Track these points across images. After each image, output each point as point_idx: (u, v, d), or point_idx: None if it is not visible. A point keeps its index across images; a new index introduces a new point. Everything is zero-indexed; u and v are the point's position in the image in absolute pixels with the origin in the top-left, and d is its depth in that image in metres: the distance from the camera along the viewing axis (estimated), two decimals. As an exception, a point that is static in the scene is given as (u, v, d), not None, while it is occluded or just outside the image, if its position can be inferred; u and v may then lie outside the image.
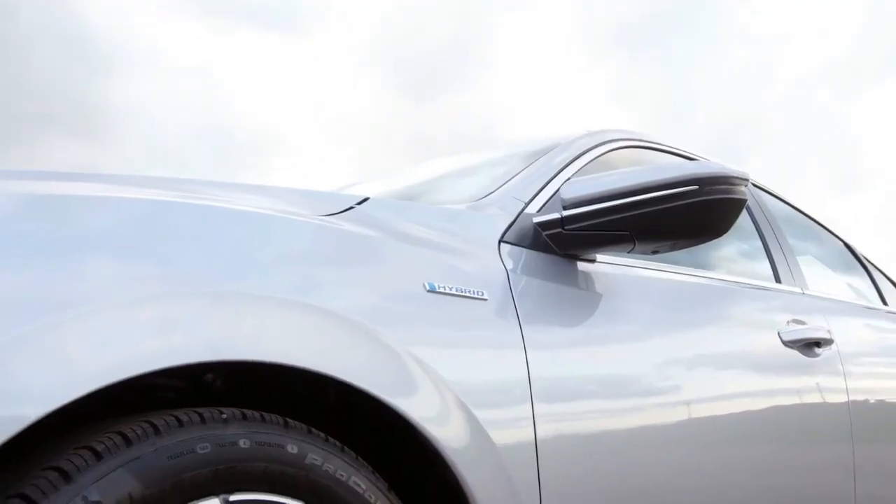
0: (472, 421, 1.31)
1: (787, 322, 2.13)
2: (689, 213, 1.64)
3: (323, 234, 1.33)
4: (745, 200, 1.68)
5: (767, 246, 2.44)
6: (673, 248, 1.74)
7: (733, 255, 2.40)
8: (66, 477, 0.96)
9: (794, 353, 2.07)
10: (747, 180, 1.69)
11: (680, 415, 1.72)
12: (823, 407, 2.13)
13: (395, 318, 1.29)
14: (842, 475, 2.16)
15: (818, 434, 2.10)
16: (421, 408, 1.24)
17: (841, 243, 3.14)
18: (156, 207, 1.18)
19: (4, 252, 1.01)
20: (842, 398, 2.21)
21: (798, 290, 2.38)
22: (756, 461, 1.87)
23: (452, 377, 1.30)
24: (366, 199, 1.50)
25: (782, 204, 2.77)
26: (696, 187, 1.62)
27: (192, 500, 1.03)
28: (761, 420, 1.91)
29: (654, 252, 1.74)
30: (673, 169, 1.66)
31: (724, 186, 1.64)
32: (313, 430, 1.18)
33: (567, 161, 1.93)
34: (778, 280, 2.37)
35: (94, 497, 0.95)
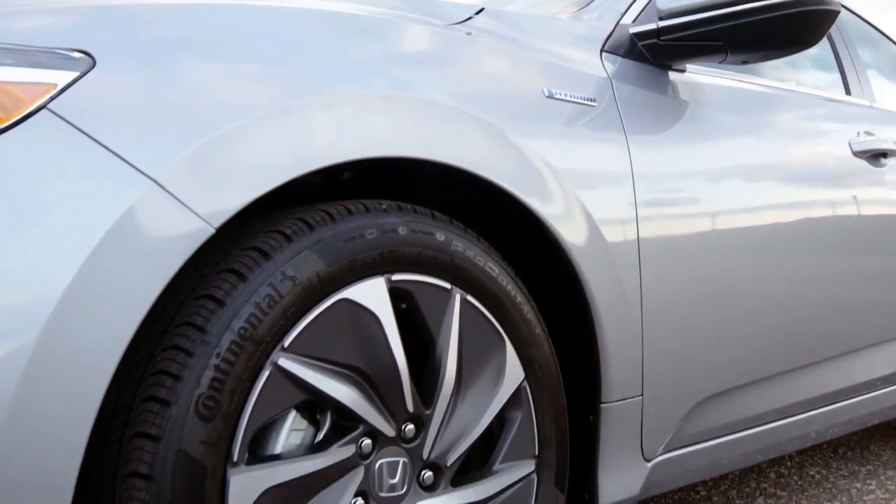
0: (590, 220, 1.44)
1: (858, 133, 2.21)
2: (783, 24, 1.69)
3: (452, 41, 1.42)
4: (838, 12, 1.73)
5: (839, 58, 2.49)
6: (763, 59, 1.81)
7: (806, 66, 2.46)
8: (265, 255, 1.11)
9: (863, 164, 2.17)
10: None
11: (759, 220, 1.84)
12: (891, 217, 2.23)
13: (522, 122, 1.40)
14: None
15: (885, 243, 2.22)
16: (549, 207, 1.37)
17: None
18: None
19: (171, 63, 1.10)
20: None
21: (867, 102, 2.45)
22: (827, 270, 2.01)
23: (573, 178, 1.43)
24: (482, 10, 1.58)
25: (851, 15, 2.78)
26: (793, -2, 1.67)
27: (362, 279, 1.19)
28: (833, 229, 2.03)
29: (744, 63, 1.81)
30: (770, -20, 1.70)
31: (819, -3, 1.69)
32: (454, 221, 1.32)
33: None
34: (848, 92, 2.43)
35: (290, 273, 1.11)
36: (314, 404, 1.19)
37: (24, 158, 0.96)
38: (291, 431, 1.16)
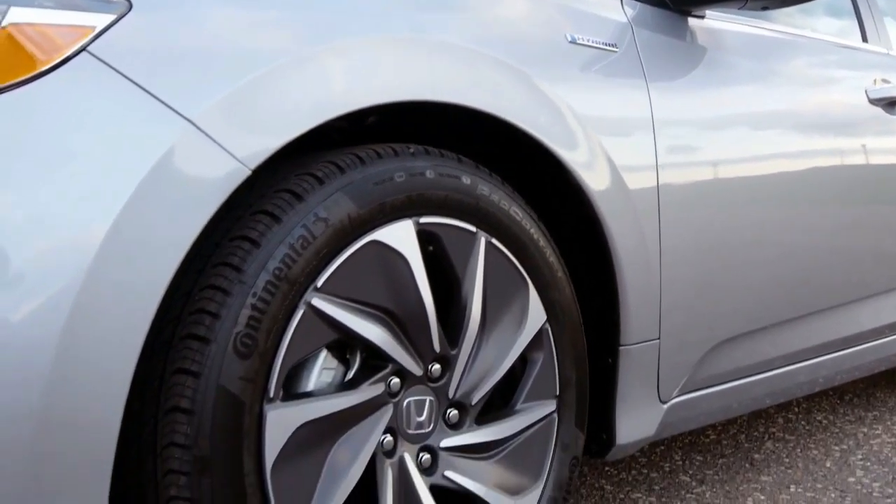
0: (612, 167, 1.46)
1: (874, 81, 2.21)
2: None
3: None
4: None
5: (856, 5, 2.48)
6: (783, 5, 1.80)
7: (823, 13, 2.45)
8: (298, 197, 1.13)
9: (879, 111, 2.18)
10: None
11: (775, 167, 1.85)
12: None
13: (546, 67, 1.41)
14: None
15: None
16: (574, 154, 1.39)
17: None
18: None
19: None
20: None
21: (884, 50, 2.44)
22: (838, 219, 2.02)
23: (596, 124, 1.44)
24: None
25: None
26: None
27: (391, 221, 1.21)
28: (847, 177, 2.04)
29: (764, 8, 1.81)
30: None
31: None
32: (480, 165, 1.34)
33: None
34: (865, 39, 2.43)
35: (323, 214, 1.13)
36: (344, 344, 1.22)
37: (66, 100, 0.98)
38: (323, 370, 1.19)
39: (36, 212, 0.94)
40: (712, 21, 1.86)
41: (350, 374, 1.23)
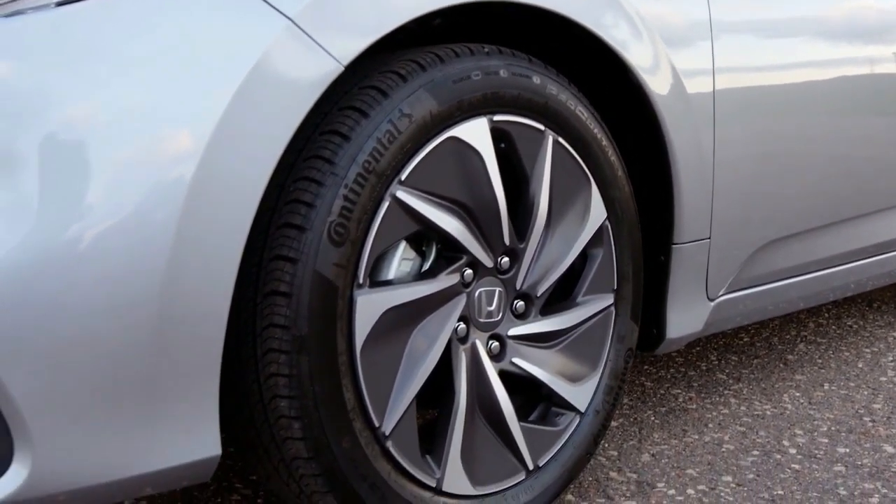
0: (674, 71, 1.50)
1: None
2: None
3: None
4: None
5: None
6: None
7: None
8: (384, 94, 1.18)
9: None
10: None
11: (823, 75, 1.88)
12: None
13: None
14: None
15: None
16: (639, 58, 1.43)
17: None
18: None
19: None
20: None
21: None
22: (879, 129, 2.06)
23: (660, 28, 1.47)
24: None
25: None
26: None
27: (468, 118, 1.26)
28: (890, 88, 2.07)
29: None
30: None
31: None
32: (548, 66, 1.38)
33: None
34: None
35: (407, 110, 1.18)
36: (421, 237, 1.29)
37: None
38: (402, 260, 1.26)
39: (151, 105, 1.00)
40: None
41: (426, 266, 1.30)
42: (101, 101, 1.00)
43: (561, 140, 1.37)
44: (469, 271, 1.31)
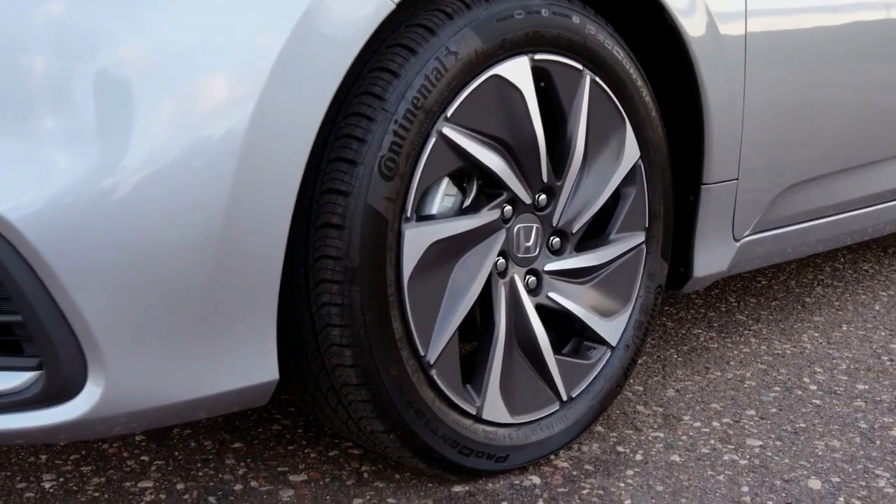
0: (708, 14, 1.52)
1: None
2: None
3: None
4: None
5: None
6: None
7: None
8: (431, 31, 1.20)
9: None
10: None
11: (845, 18, 1.89)
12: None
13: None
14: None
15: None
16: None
17: None
18: None
19: None
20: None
21: None
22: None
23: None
24: None
25: None
26: None
27: (510, 57, 1.29)
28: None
29: None
30: None
31: None
32: (587, 6, 1.40)
33: None
34: None
35: (453, 48, 1.21)
36: (462, 174, 1.32)
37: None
38: (445, 196, 1.30)
39: (211, 41, 1.03)
40: None
41: (467, 202, 1.33)
42: (162, 38, 1.02)
43: (598, 80, 1.40)
44: (508, 207, 1.35)
